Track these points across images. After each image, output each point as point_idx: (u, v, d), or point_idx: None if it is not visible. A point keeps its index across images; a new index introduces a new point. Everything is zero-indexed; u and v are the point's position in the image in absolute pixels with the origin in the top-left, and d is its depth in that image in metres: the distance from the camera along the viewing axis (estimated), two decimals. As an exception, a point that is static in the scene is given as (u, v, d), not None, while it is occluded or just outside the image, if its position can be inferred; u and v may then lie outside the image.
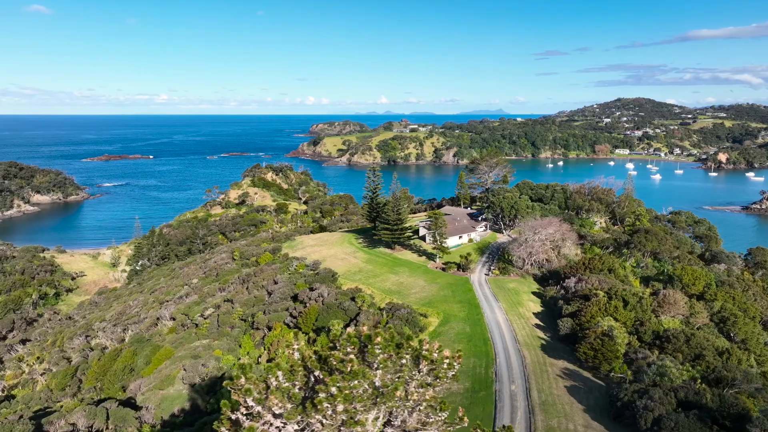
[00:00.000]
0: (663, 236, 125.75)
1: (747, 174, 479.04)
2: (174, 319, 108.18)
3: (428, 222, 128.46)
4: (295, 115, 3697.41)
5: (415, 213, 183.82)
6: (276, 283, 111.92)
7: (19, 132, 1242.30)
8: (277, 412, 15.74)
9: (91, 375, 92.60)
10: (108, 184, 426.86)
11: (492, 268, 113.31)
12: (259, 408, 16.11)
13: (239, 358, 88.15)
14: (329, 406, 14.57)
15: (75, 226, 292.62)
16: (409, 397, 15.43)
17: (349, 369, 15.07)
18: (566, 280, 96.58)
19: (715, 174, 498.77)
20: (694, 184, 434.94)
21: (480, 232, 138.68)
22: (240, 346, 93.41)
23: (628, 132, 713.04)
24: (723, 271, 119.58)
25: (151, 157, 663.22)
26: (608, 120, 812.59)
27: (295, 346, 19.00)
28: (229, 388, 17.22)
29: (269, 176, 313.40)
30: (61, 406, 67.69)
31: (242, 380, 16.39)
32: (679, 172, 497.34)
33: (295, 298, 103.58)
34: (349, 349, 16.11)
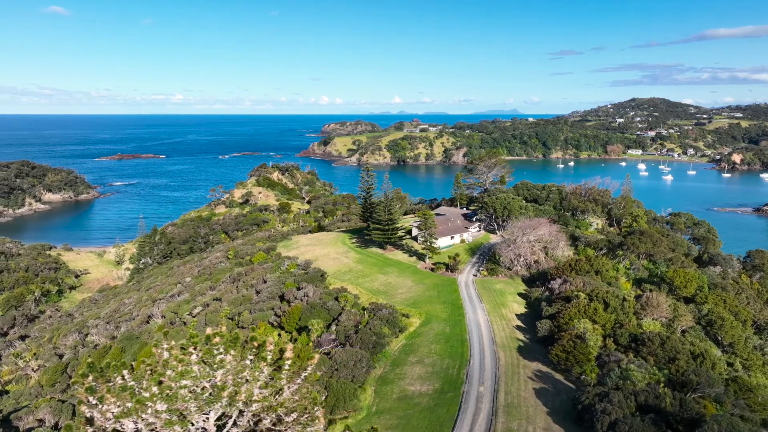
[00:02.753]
0: (658, 238, 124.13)
1: (761, 175, 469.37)
2: (164, 317, 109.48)
3: (419, 222, 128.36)
4: (309, 115, 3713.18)
5: (414, 213, 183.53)
6: (265, 282, 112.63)
7: (37, 131, 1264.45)
8: (115, 410, 16.01)
9: (80, 371, 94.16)
10: (119, 183, 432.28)
11: (480, 268, 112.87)
12: (103, 406, 16.39)
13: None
14: (150, 405, 14.87)
15: (84, 224, 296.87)
16: (237, 397, 15.62)
17: (179, 369, 15.34)
18: (551, 282, 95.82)
19: (728, 175, 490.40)
20: (706, 185, 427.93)
21: (473, 233, 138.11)
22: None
23: (641, 132, 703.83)
24: (718, 273, 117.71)
25: (163, 156, 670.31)
26: (621, 120, 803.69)
27: (165, 346, 19.25)
28: (76, 386, 17.54)
29: (275, 176, 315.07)
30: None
31: (89, 378, 16.66)
32: (692, 173, 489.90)
33: (282, 297, 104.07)
34: (191, 350, 16.35)
